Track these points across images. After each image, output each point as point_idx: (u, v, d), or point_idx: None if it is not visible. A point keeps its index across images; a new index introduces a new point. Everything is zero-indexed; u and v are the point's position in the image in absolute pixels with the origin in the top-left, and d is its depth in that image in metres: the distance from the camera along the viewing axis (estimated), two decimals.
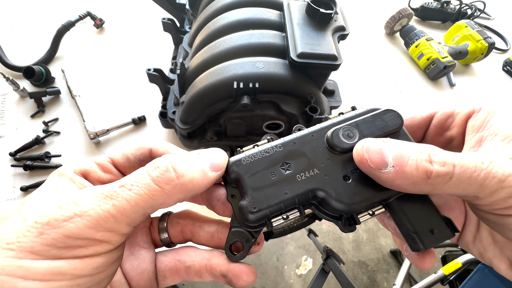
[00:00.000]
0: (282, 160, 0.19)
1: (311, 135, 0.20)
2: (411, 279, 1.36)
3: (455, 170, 0.15)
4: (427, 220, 0.18)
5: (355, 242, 1.49)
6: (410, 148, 0.16)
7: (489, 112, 0.18)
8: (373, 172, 0.17)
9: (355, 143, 0.18)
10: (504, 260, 0.19)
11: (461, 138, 0.20)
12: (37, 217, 0.15)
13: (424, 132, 0.22)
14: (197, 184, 0.18)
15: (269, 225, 0.18)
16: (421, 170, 0.15)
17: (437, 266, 1.46)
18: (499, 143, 0.17)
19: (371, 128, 0.19)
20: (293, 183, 0.18)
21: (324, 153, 0.19)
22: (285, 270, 1.36)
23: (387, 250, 1.48)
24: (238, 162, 0.19)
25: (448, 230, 0.18)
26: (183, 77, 0.47)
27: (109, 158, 0.21)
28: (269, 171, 0.18)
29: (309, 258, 1.41)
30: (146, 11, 0.83)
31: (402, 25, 0.85)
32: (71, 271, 0.15)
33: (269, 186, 0.18)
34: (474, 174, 0.15)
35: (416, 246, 0.18)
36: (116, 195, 0.16)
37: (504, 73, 0.86)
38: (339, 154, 0.19)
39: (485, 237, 0.20)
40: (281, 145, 0.19)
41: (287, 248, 1.42)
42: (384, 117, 0.20)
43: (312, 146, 0.19)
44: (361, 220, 0.18)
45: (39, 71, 0.60)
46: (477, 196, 0.16)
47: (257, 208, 0.17)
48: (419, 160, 0.16)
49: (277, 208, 0.18)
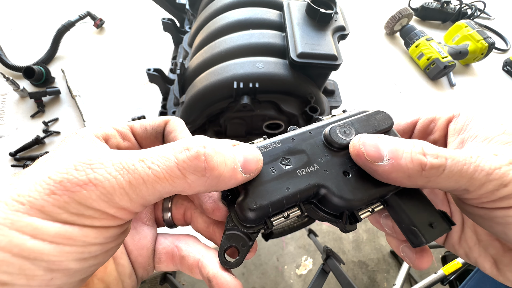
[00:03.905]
0: (281, 155, 0.19)
1: (309, 132, 0.20)
2: (411, 279, 1.36)
3: (447, 163, 0.16)
4: (425, 215, 0.18)
5: (355, 242, 1.49)
6: (404, 143, 0.17)
7: (467, 117, 0.20)
8: (370, 166, 0.17)
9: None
10: (488, 258, 0.20)
11: (443, 141, 0.21)
12: (51, 172, 0.14)
13: (409, 137, 0.23)
14: (222, 182, 0.16)
15: (270, 224, 0.17)
16: (416, 163, 0.16)
17: (437, 266, 1.46)
18: (480, 143, 0.18)
19: (366, 126, 0.20)
20: (294, 178, 0.18)
21: (322, 150, 0.19)
22: (285, 270, 1.36)
23: (387, 250, 1.48)
24: None
25: (445, 224, 0.18)
26: (183, 77, 0.47)
27: (128, 126, 0.20)
28: (269, 166, 0.18)
29: (309, 258, 1.41)
30: (146, 11, 0.83)
31: (402, 25, 0.85)
32: (83, 238, 0.14)
33: (270, 181, 0.17)
34: (464, 167, 0.16)
35: (418, 241, 0.17)
36: (134, 169, 0.15)
37: (504, 73, 0.86)
38: (337, 150, 0.19)
39: (470, 237, 0.21)
40: (279, 141, 0.19)
41: (287, 248, 1.42)
42: (376, 117, 0.20)
43: (310, 143, 0.19)
44: (362, 216, 0.18)
45: (39, 71, 0.60)
46: (467, 189, 0.16)
47: (258, 204, 0.17)
48: (413, 153, 0.16)
49: (279, 204, 0.17)
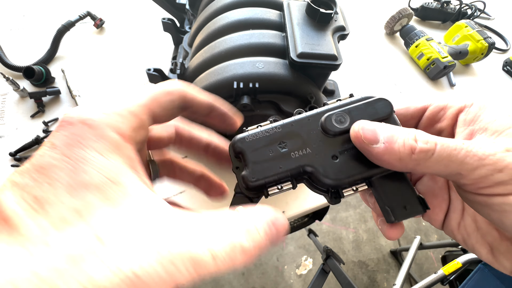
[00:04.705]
0: (279, 139, 0.22)
1: (308, 118, 0.23)
2: (411, 279, 1.36)
3: (436, 148, 0.17)
4: (402, 198, 0.21)
5: (355, 242, 1.49)
6: (400, 130, 0.19)
7: (480, 107, 0.20)
8: (365, 147, 0.19)
9: (346, 128, 0.21)
10: (485, 246, 0.21)
11: (450, 130, 0.22)
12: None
13: (417, 122, 0.24)
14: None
15: (266, 193, 0.21)
16: (407, 147, 0.18)
17: (437, 266, 1.46)
18: (488, 137, 0.18)
19: (362, 114, 0.22)
20: (287, 159, 0.21)
21: (317, 135, 0.22)
22: (285, 270, 1.36)
23: (387, 250, 1.48)
24: (242, 139, 0.22)
25: (420, 207, 0.20)
26: (183, 77, 0.47)
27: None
28: (268, 148, 0.21)
29: (309, 258, 1.41)
30: (146, 11, 0.83)
31: (402, 25, 0.85)
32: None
33: (267, 161, 0.21)
34: (454, 152, 0.17)
35: (389, 219, 0.21)
36: None
37: (504, 73, 0.86)
38: (331, 137, 0.22)
39: (469, 224, 0.22)
40: (280, 127, 0.22)
41: (287, 248, 1.42)
42: (375, 105, 0.22)
43: (308, 128, 0.22)
44: (345, 194, 0.21)
45: (39, 71, 0.60)
46: (460, 173, 0.17)
47: (255, 178, 0.20)
48: (406, 139, 0.18)
49: (273, 180, 0.20)
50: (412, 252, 1.14)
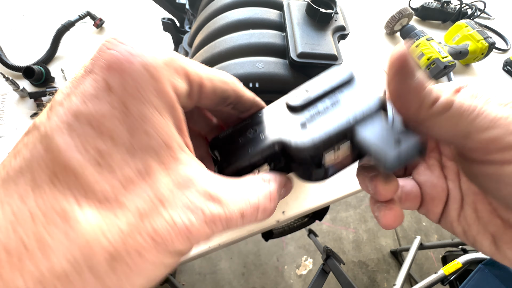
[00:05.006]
0: (249, 127, 0.22)
1: (275, 105, 0.23)
2: (411, 279, 1.36)
3: (454, 103, 0.16)
4: (393, 136, 0.17)
5: (355, 242, 1.49)
6: (437, 85, 0.18)
7: (476, 86, 0.19)
8: (405, 72, 0.16)
9: (312, 97, 0.21)
10: (487, 236, 0.19)
11: None
12: None
13: None
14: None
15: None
16: (433, 96, 0.16)
17: (437, 267, 1.46)
18: (497, 106, 0.17)
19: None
20: (257, 142, 0.21)
21: (285, 115, 0.22)
22: (285, 270, 1.36)
23: (387, 250, 1.48)
24: (216, 137, 0.23)
25: (416, 137, 0.18)
26: None
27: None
28: (239, 138, 0.22)
29: (309, 258, 1.41)
30: (146, 11, 0.83)
31: (402, 25, 0.85)
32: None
33: (238, 148, 0.22)
34: (467, 110, 0.16)
35: (383, 164, 0.17)
36: None
37: (504, 73, 0.86)
38: (299, 111, 0.21)
39: (469, 214, 0.20)
40: (249, 118, 0.23)
41: (287, 248, 1.42)
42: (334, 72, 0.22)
43: (276, 112, 0.22)
44: (327, 158, 0.19)
45: (39, 71, 0.60)
46: (469, 132, 0.16)
47: (227, 165, 0.21)
48: (436, 90, 0.17)
49: (244, 164, 0.21)
50: (412, 252, 1.13)
